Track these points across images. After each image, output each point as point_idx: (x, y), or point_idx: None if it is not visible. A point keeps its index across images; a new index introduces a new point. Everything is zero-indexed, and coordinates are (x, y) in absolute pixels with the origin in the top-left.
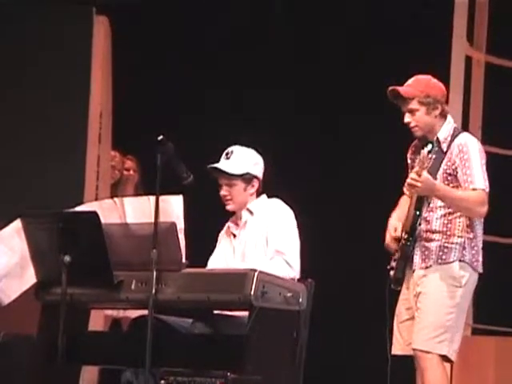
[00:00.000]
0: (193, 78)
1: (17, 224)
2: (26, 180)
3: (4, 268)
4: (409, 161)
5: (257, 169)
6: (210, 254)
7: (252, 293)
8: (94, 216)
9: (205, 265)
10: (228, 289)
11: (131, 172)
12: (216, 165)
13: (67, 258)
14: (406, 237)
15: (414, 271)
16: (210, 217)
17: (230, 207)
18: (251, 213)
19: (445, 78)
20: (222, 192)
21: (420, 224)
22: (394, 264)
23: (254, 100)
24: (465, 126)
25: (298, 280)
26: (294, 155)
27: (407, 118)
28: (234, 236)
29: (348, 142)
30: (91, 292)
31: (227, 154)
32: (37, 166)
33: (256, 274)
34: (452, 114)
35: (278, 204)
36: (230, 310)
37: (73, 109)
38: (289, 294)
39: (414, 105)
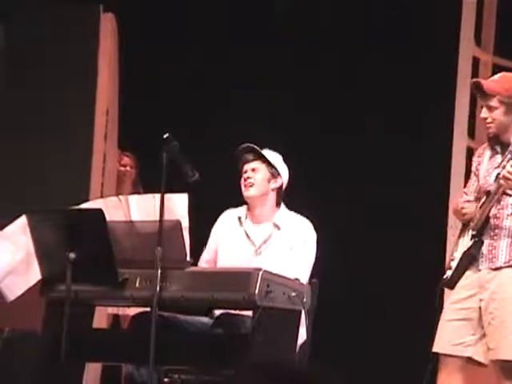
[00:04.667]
0: (200, 75)
1: (22, 221)
2: (32, 177)
3: (9, 265)
4: (474, 163)
5: (283, 171)
6: None
7: (256, 292)
8: (99, 213)
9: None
10: (232, 288)
11: (128, 168)
12: (250, 144)
13: (72, 255)
14: (473, 234)
15: (480, 270)
16: (214, 216)
17: (248, 193)
18: (278, 227)
19: (452, 80)
20: (246, 175)
21: (489, 222)
22: (452, 264)
23: (256, 99)
24: (472, 129)
25: None
26: (295, 155)
27: (484, 114)
28: (250, 239)
29: (351, 141)
30: (96, 289)
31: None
32: (43, 163)
33: (260, 273)
34: (459, 116)
35: (307, 226)
36: (234, 309)
37: (79, 106)
38: (293, 294)
39: (494, 102)
